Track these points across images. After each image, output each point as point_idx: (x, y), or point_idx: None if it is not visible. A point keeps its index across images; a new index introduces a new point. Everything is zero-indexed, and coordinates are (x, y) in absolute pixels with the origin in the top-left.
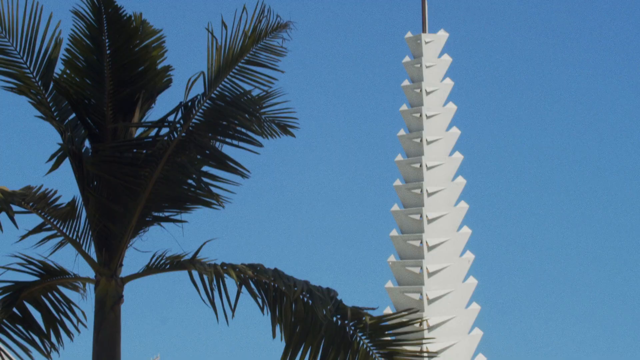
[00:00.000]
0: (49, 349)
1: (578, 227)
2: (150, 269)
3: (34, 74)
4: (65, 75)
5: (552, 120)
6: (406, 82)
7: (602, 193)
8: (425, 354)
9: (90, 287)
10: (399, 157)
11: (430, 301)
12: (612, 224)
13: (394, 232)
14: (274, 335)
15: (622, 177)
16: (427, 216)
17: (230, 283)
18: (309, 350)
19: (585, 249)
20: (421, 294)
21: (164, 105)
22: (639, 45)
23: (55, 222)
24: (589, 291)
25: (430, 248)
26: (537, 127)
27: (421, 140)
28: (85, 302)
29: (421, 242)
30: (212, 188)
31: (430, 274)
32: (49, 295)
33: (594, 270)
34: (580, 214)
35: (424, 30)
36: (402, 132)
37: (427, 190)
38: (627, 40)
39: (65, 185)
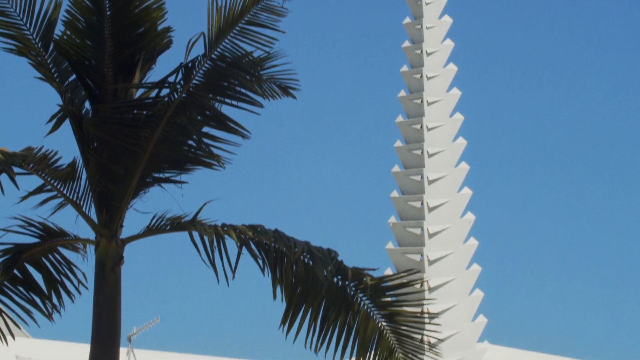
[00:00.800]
0: (50, 310)
1: (579, 188)
2: (151, 230)
3: (34, 35)
4: (65, 37)
5: (553, 81)
6: (407, 44)
7: (603, 153)
8: (425, 315)
9: (90, 248)
10: (400, 119)
11: (430, 262)
12: (612, 183)
13: (395, 194)
14: (274, 297)
15: (624, 139)
16: (427, 177)
17: (231, 244)
18: (310, 311)
19: (585, 210)
20: (422, 255)
21: (164, 66)
22: None
23: (55, 184)
24: (588, 251)
25: (431, 209)
26: (539, 88)
27: (422, 102)
28: (85, 263)
29: (422, 204)
30: (212, 149)
31: (430, 235)
32: (50, 256)
33: (594, 230)
34: (582, 174)
35: None
36: (402, 93)
37: (427, 152)
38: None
39: (65, 147)
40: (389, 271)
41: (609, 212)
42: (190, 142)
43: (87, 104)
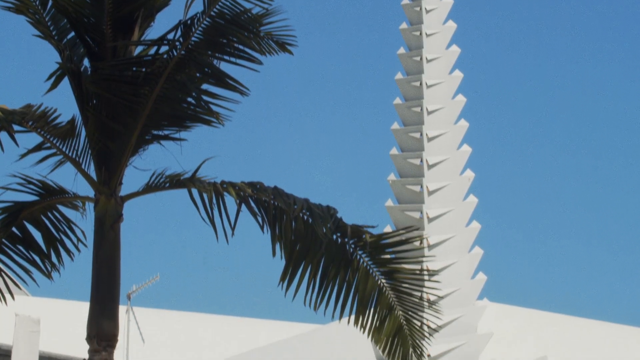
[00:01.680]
0: (49, 269)
1: (582, 144)
2: (150, 188)
3: None
4: None
5: (554, 38)
6: (406, 1)
7: (608, 108)
8: (425, 272)
9: (89, 206)
10: (399, 76)
11: (430, 220)
12: (617, 139)
13: (394, 151)
14: (273, 254)
15: (631, 92)
16: (427, 134)
17: (230, 201)
18: (309, 268)
19: (587, 166)
20: (421, 213)
21: (163, 24)
22: None
23: (54, 141)
24: (590, 208)
25: (430, 166)
26: (539, 45)
27: (421, 59)
28: (84, 221)
29: (421, 161)
30: (211, 106)
31: (430, 193)
32: (49, 214)
33: (596, 186)
34: (585, 130)
35: None
36: (401, 50)
37: (427, 108)
38: None
39: (64, 105)
40: (388, 228)
41: (611, 169)
42: (189, 99)
43: (86, 62)
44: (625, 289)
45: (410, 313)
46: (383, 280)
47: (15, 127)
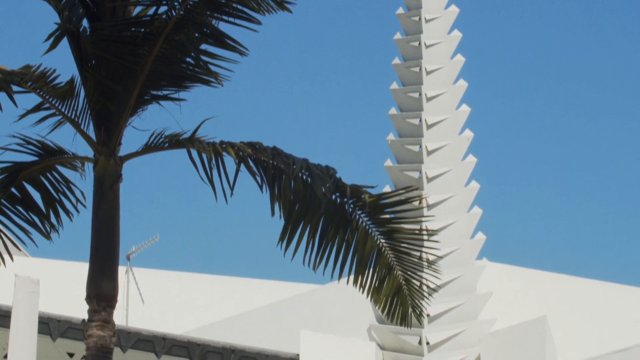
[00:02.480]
0: (48, 230)
1: (580, 104)
2: (149, 148)
3: None
4: None
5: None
6: None
7: (610, 71)
8: (424, 232)
9: (89, 166)
10: (398, 36)
11: (429, 179)
12: (614, 100)
13: (393, 111)
14: (272, 214)
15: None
16: (426, 94)
17: (229, 161)
18: (308, 228)
19: (588, 125)
20: (420, 172)
21: None
22: None
23: (53, 102)
24: (591, 167)
25: (429, 126)
26: (539, 3)
27: (419, 19)
28: (84, 181)
29: (420, 121)
30: (210, 66)
31: (429, 152)
32: (48, 175)
33: (597, 146)
34: (583, 91)
35: None
36: (400, 10)
37: (425, 68)
38: None
39: (63, 65)
40: (387, 188)
41: (613, 127)
42: (188, 59)
43: (85, 22)
44: (626, 248)
45: (409, 273)
46: (382, 240)
47: (14, 88)
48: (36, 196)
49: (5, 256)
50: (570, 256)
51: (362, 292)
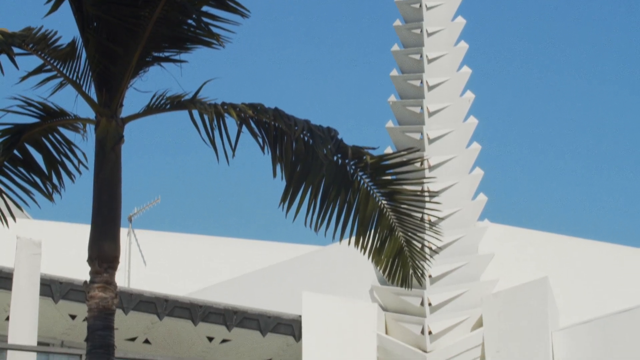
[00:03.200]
0: (50, 191)
1: (583, 66)
2: (151, 109)
3: None
4: None
5: None
6: None
7: (614, 33)
8: (426, 193)
9: (90, 128)
10: None
11: (430, 141)
12: (617, 66)
13: (394, 73)
14: (274, 175)
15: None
16: (427, 56)
17: (231, 123)
18: (310, 189)
19: (590, 88)
20: (421, 134)
21: None
22: None
23: (55, 63)
24: (592, 128)
25: (430, 88)
26: None
27: None
28: (86, 143)
29: (421, 82)
30: (212, 28)
31: (430, 114)
32: (50, 136)
33: (599, 106)
34: (587, 55)
35: None
36: None
37: (427, 30)
38: None
39: (64, 28)
40: (389, 150)
41: (617, 91)
42: (189, 21)
43: None
44: (628, 209)
45: (410, 234)
46: (384, 202)
47: (16, 50)
48: (38, 158)
49: (8, 218)
50: (572, 217)
51: (364, 253)
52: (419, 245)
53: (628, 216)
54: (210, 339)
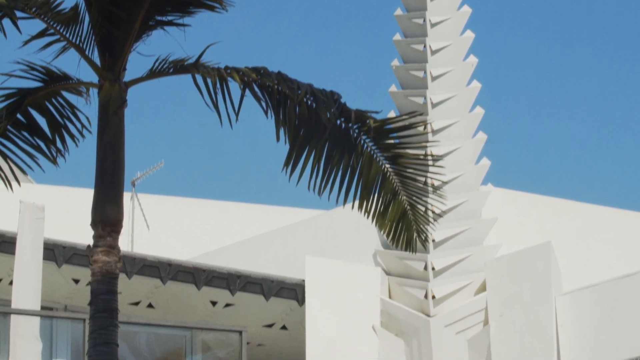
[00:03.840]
0: (54, 155)
1: (587, 32)
2: (154, 73)
3: None
4: None
5: None
6: None
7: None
8: (429, 157)
9: (93, 92)
10: None
11: (434, 105)
12: (621, 32)
13: (397, 37)
14: (277, 139)
15: None
16: (430, 20)
17: (234, 87)
18: (313, 153)
19: (592, 51)
20: (425, 98)
21: None
22: None
23: (58, 27)
24: (596, 90)
25: (433, 52)
26: None
27: None
28: (89, 107)
29: (424, 46)
30: None
31: (433, 78)
32: (53, 100)
33: (602, 71)
34: (591, 20)
35: None
36: None
37: None
38: None
39: None
40: (392, 114)
41: (621, 55)
42: None
43: None
44: (632, 173)
45: (414, 198)
46: (387, 165)
47: (18, 14)
48: (42, 122)
49: (12, 182)
50: (576, 181)
51: (367, 217)
52: (423, 209)
53: (632, 180)
54: (214, 303)
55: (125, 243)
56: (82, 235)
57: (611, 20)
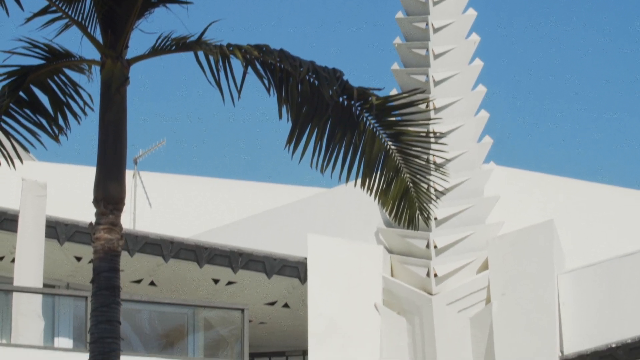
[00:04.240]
0: (56, 132)
1: (585, 13)
2: (156, 51)
3: None
4: None
5: None
6: None
7: None
8: (432, 135)
9: (96, 69)
10: None
11: (436, 83)
12: (620, 15)
13: (400, 15)
14: (280, 116)
15: None
16: None
17: (236, 64)
18: (315, 131)
19: (595, 28)
20: (427, 76)
21: None
22: None
23: (60, 5)
24: (596, 70)
25: (436, 30)
26: None
27: None
28: (91, 85)
29: (427, 24)
30: None
31: (436, 56)
32: (55, 78)
33: (606, 49)
34: (588, 3)
35: None
36: None
37: None
38: None
39: None
40: (394, 92)
41: (623, 33)
42: None
43: None
44: (635, 152)
45: (417, 176)
46: (389, 143)
47: None
48: (44, 99)
49: (14, 160)
50: (578, 160)
51: (370, 194)
52: (425, 186)
53: (635, 159)
54: (216, 281)
55: (128, 221)
56: (84, 212)
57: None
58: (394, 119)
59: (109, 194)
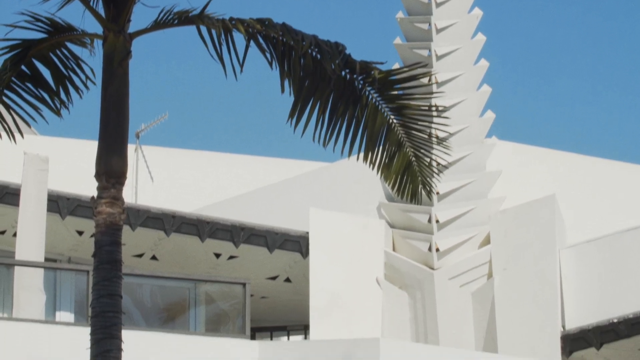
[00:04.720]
0: (58, 106)
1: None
2: (158, 24)
3: None
4: None
5: None
6: None
7: None
8: (434, 109)
9: (98, 43)
10: None
11: (438, 57)
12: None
13: None
14: (282, 90)
15: None
16: None
17: (239, 38)
18: (318, 104)
19: (596, 5)
20: (429, 50)
21: None
22: None
23: None
24: (600, 45)
25: (438, 5)
26: None
27: None
28: (93, 59)
29: None
30: None
31: (438, 31)
32: (57, 52)
33: (604, 24)
34: None
35: None
36: None
37: None
38: None
39: None
40: (396, 66)
41: (630, 11)
42: None
43: None
44: (638, 127)
45: (419, 150)
46: (392, 117)
47: None
48: (46, 73)
49: (16, 134)
50: (581, 134)
51: (372, 168)
52: (428, 160)
53: (637, 134)
54: (218, 255)
55: (129, 195)
56: (86, 186)
57: None
58: (396, 92)
59: (111, 168)
